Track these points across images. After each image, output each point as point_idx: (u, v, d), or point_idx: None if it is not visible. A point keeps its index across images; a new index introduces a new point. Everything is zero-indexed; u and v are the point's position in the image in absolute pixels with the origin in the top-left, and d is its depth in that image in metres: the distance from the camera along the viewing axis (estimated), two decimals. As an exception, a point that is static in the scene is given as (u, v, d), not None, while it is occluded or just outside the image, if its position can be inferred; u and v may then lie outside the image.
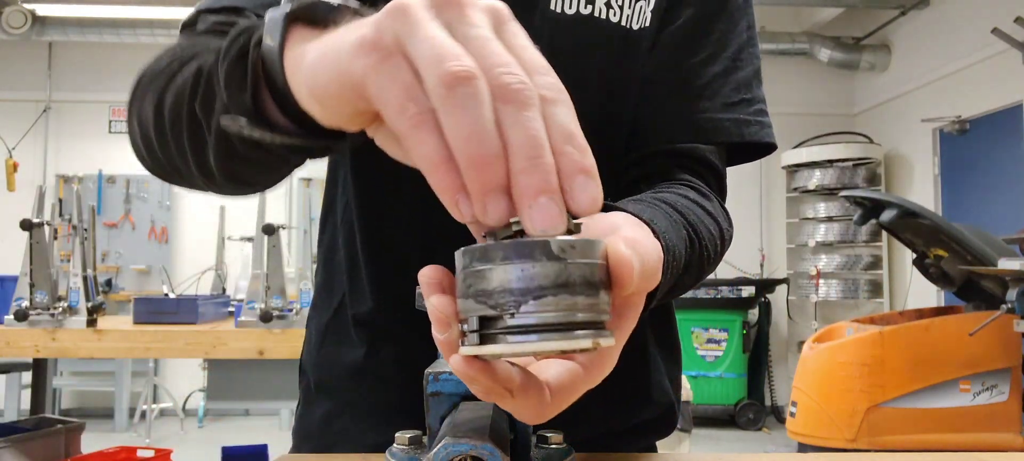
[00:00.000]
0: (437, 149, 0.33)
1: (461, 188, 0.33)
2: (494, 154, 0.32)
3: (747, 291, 5.82)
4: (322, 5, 0.43)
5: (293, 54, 0.42)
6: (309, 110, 0.41)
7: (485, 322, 0.34)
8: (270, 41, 0.43)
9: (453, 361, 0.35)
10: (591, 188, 0.34)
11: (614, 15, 0.73)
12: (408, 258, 0.36)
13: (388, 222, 0.77)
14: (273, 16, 0.44)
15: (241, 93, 0.45)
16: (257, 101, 0.45)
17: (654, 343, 0.86)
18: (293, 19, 0.43)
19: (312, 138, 0.45)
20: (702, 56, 0.75)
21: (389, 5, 0.35)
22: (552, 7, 0.73)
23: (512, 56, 0.35)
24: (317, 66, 0.38)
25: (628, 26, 0.74)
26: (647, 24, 0.75)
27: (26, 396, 3.28)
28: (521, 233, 0.33)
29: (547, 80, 0.35)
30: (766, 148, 0.78)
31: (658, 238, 0.51)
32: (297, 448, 0.85)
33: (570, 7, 0.73)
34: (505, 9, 0.37)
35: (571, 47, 0.72)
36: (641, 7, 0.74)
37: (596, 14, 0.73)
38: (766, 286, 5.91)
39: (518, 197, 0.33)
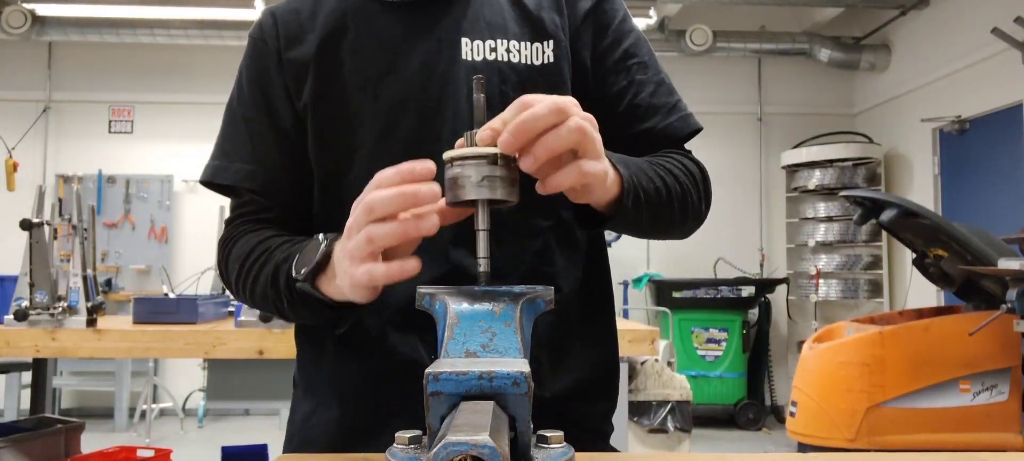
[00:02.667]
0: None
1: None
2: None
3: (747, 291, 5.82)
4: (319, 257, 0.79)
5: (322, 282, 0.80)
6: (331, 295, 0.79)
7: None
8: (306, 285, 0.80)
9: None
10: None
11: (514, 57, 0.92)
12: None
13: None
14: (299, 276, 0.80)
15: (304, 304, 0.83)
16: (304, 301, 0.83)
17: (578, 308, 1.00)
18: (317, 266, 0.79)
19: (335, 308, 0.81)
20: (636, 81, 0.97)
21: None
22: (464, 56, 0.92)
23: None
24: (343, 284, 0.74)
25: (529, 63, 0.93)
26: (550, 60, 0.93)
27: (26, 396, 3.27)
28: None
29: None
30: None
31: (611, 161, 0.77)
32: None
33: (478, 54, 0.92)
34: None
35: (490, 88, 0.90)
36: (539, 47, 0.93)
37: (499, 58, 0.92)
38: (766, 286, 5.92)
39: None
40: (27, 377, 4.31)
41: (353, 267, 0.70)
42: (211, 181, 0.96)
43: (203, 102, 6.38)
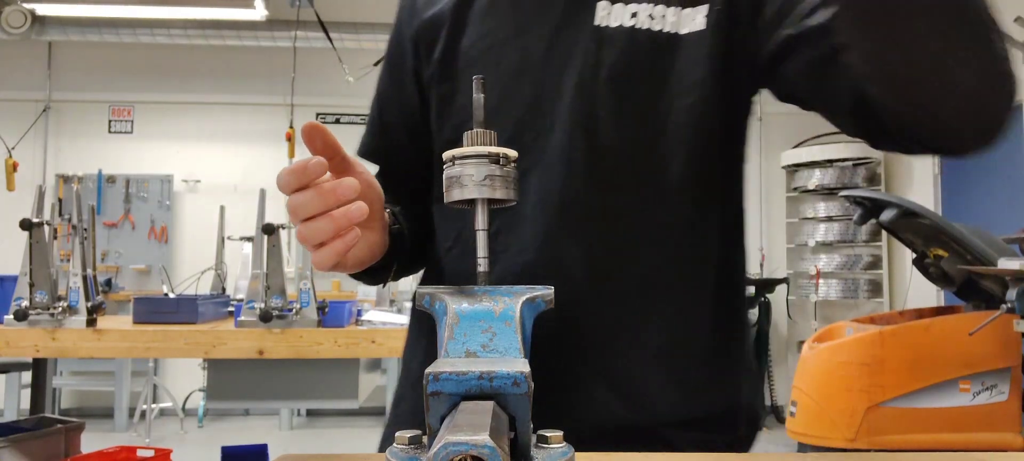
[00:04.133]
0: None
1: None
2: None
3: (747, 291, 5.82)
4: None
5: None
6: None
7: None
8: None
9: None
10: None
11: (657, 24, 0.81)
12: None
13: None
14: None
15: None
16: None
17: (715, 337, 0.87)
18: None
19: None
20: (812, 7, 0.74)
21: None
22: (596, 22, 0.81)
23: None
24: None
25: (674, 32, 0.80)
26: (700, 27, 0.80)
27: (26, 396, 3.28)
28: None
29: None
30: None
31: None
32: None
33: (615, 19, 0.81)
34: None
35: (616, 57, 0.81)
36: (690, 12, 0.81)
37: (639, 26, 0.81)
38: (766, 286, 5.92)
39: None
40: (27, 377, 4.32)
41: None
42: (357, 153, 1.01)
43: (203, 102, 6.38)
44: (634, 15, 0.81)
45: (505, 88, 0.84)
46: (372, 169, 0.97)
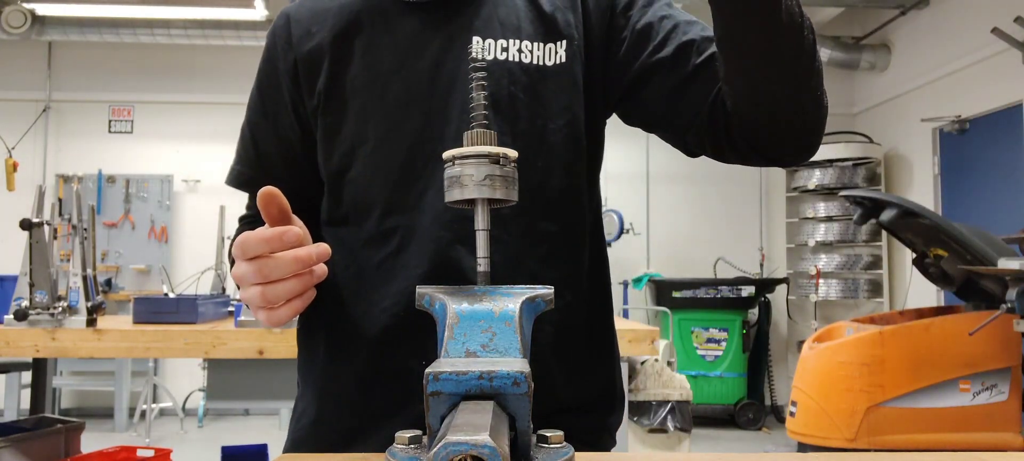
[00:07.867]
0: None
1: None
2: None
3: (747, 291, 5.82)
4: None
5: None
6: None
7: None
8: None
9: None
10: None
11: (526, 57, 0.92)
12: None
13: None
14: None
15: None
16: None
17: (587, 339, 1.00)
18: None
19: None
20: (663, 41, 0.92)
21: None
22: (473, 56, 0.91)
23: None
24: None
25: (541, 64, 0.92)
26: (562, 61, 0.93)
27: (26, 396, 3.28)
28: None
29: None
30: None
31: None
32: None
33: (489, 54, 0.92)
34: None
35: (496, 86, 0.91)
36: (552, 47, 0.93)
37: (511, 58, 0.92)
38: (766, 286, 5.92)
39: None
40: (27, 377, 4.31)
41: (253, 310, 0.79)
42: (228, 182, 1.07)
43: (203, 102, 6.38)
44: (504, 49, 0.92)
45: (393, 117, 0.92)
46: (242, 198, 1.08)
